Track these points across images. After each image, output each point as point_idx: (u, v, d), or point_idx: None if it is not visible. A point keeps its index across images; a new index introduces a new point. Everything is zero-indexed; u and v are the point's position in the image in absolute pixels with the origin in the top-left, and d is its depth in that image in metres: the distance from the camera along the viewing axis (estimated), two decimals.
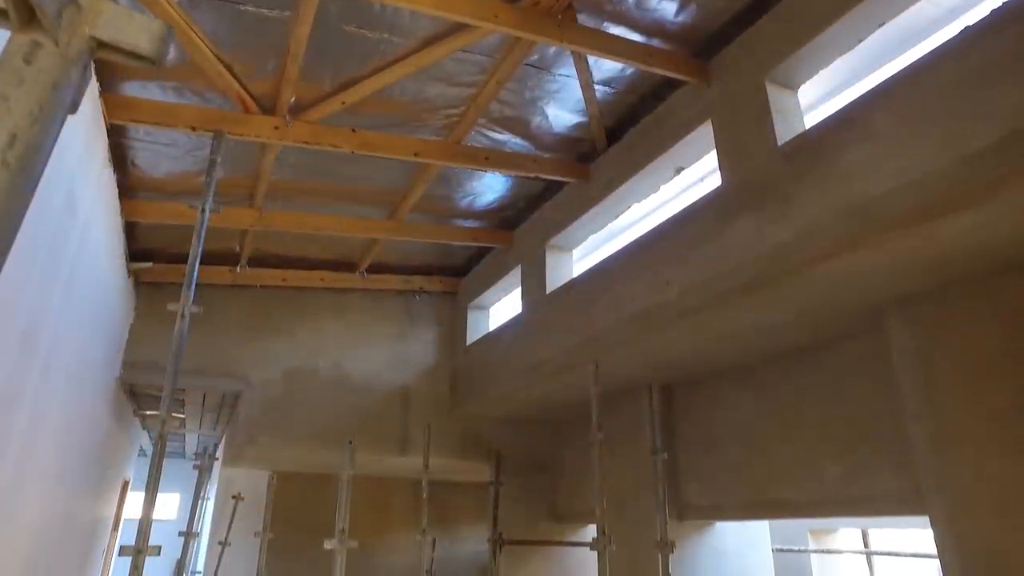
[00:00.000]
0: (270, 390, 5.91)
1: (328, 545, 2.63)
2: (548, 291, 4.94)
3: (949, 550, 3.02)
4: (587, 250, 5.58)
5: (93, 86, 3.29)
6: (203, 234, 3.14)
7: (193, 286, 2.99)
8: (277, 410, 5.86)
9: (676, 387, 5.17)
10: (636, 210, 4.83)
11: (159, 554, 2.55)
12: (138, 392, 6.76)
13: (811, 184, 2.93)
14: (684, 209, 3.74)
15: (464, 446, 6.35)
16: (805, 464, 4.07)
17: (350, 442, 2.82)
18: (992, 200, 2.48)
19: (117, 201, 4.41)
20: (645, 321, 3.78)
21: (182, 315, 2.93)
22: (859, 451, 3.77)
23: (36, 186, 0.67)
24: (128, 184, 4.47)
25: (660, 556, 3.76)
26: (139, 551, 2.59)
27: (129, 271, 5.38)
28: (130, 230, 5.07)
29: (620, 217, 4.80)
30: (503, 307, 6.47)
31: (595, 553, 3.66)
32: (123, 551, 2.49)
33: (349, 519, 3.12)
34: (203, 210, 3.18)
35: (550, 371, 4.76)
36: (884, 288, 3.29)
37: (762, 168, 3.23)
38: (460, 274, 6.68)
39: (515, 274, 5.59)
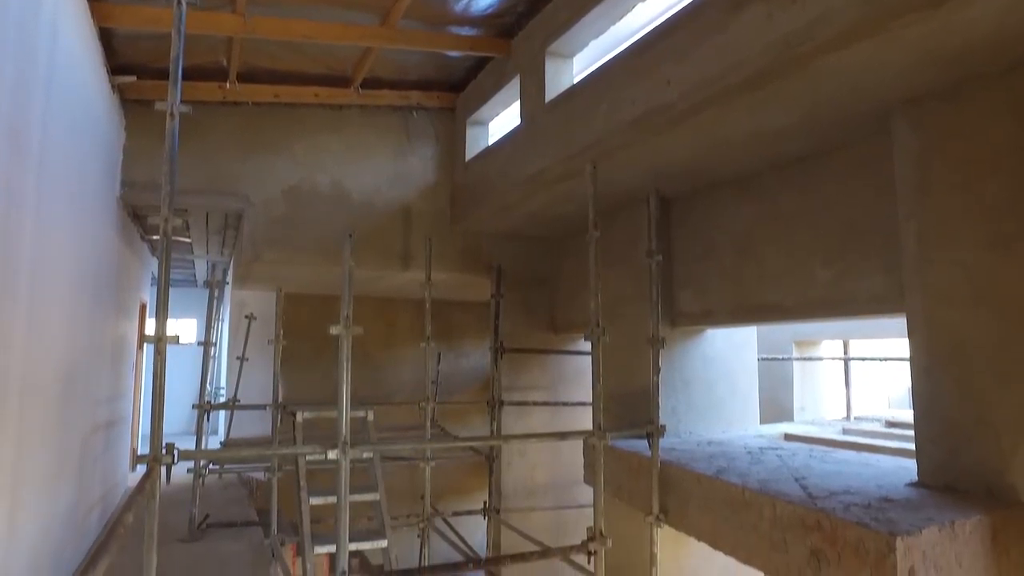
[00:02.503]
0: (272, 209, 5.97)
1: (334, 330, 2.79)
2: (547, 100, 4.79)
3: (920, 340, 3.20)
4: (589, 61, 5.33)
5: None
6: (183, 29, 2.98)
7: (179, 83, 2.89)
8: (280, 228, 5.96)
9: (674, 200, 5.19)
10: (641, 13, 4.54)
11: (178, 342, 2.72)
12: (141, 215, 6.84)
13: None
14: (689, 3, 3.51)
15: (465, 261, 6.53)
16: (796, 270, 4.19)
17: (350, 235, 2.89)
18: None
19: (84, 1, 4.15)
20: (645, 124, 3.70)
21: (171, 114, 2.87)
22: (850, 256, 3.87)
23: None
24: None
25: (651, 351, 3.99)
26: (159, 339, 2.76)
27: (113, 85, 5.20)
28: (107, 42, 4.82)
29: (623, 20, 4.52)
30: (502, 122, 6.32)
31: (590, 361, 3.81)
32: (147, 339, 2.67)
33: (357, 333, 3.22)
34: (179, 3, 3.00)
35: (548, 180, 4.76)
36: (892, 87, 3.18)
37: None
38: (458, 89, 6.45)
39: (514, 85, 5.40)
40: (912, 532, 2.46)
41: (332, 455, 2.75)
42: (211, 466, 7.02)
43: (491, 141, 6.15)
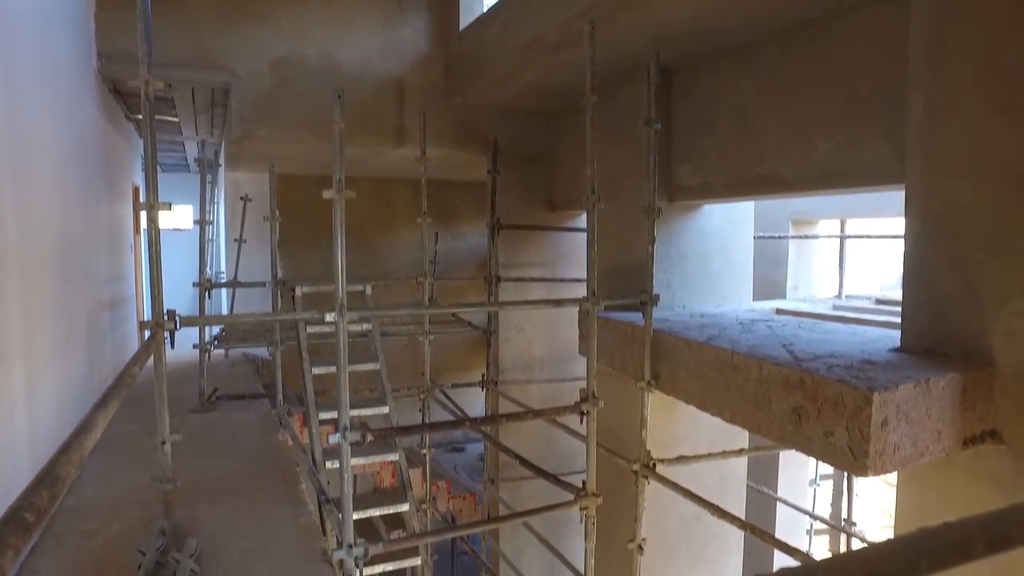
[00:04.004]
0: (259, 83, 5.76)
1: (327, 195, 2.78)
2: None
3: (916, 209, 3.17)
4: None
5: None
6: None
7: None
8: (270, 102, 5.78)
9: (676, 72, 4.99)
10: None
11: (170, 208, 2.72)
12: (124, 92, 6.61)
13: None
14: None
15: (461, 136, 6.39)
16: (797, 142, 4.10)
17: (340, 96, 2.81)
18: None
19: None
20: None
21: None
22: (851, 127, 3.77)
23: None
24: None
25: (647, 220, 4.00)
26: (151, 206, 2.75)
27: None
28: None
29: None
30: None
31: (585, 239, 3.77)
32: (140, 207, 2.67)
33: (353, 213, 3.18)
34: None
35: (545, 48, 4.56)
36: None
37: None
38: None
39: None
40: (889, 388, 2.56)
41: (330, 318, 2.81)
42: (216, 344, 7.22)
43: (486, 8, 5.84)
